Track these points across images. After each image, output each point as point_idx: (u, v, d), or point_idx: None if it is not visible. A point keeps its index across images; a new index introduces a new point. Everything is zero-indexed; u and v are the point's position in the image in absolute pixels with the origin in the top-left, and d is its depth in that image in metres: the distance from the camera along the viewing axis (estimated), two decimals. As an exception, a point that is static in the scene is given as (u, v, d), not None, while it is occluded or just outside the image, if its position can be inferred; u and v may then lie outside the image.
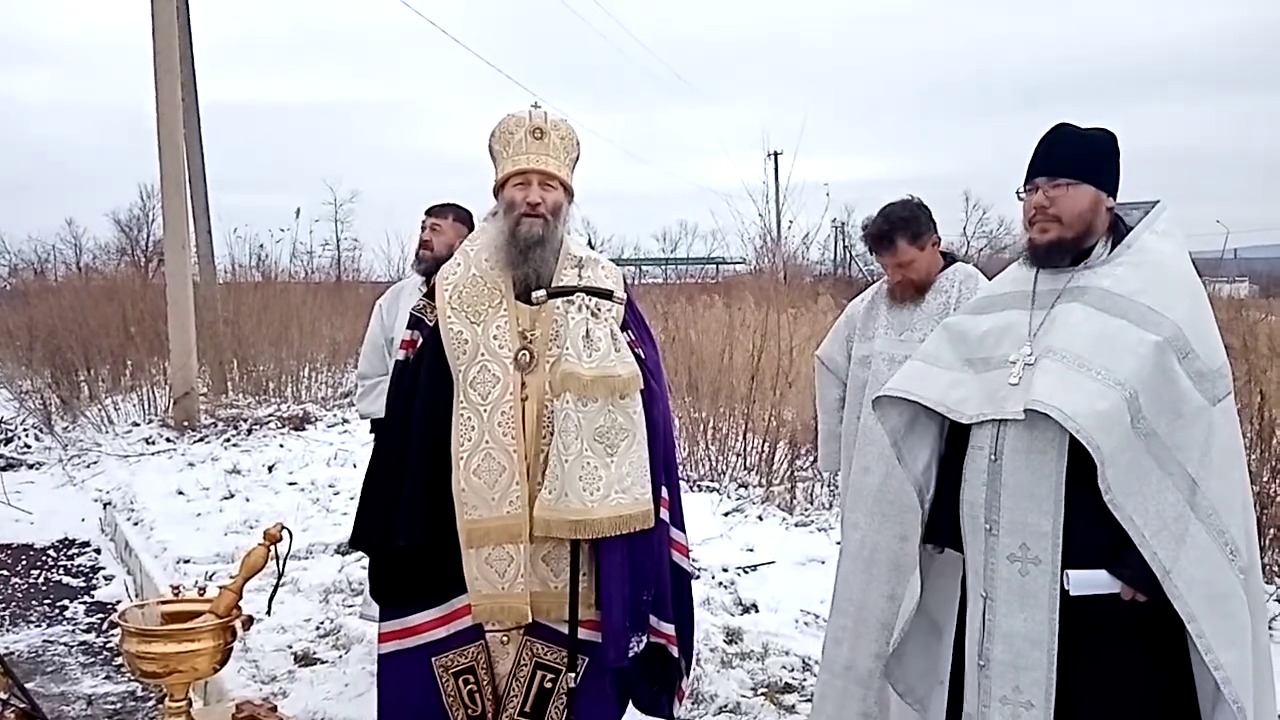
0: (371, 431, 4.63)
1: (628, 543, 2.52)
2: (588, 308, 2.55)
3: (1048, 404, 2.17)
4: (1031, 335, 2.34)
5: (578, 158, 2.79)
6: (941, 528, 2.53)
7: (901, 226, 3.22)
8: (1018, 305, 2.43)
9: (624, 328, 2.69)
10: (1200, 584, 2.12)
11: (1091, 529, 2.21)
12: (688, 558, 2.88)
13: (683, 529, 2.84)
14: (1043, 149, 2.38)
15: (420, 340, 2.71)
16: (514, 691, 2.68)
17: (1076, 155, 2.34)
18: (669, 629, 2.73)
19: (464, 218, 4.16)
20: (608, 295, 2.60)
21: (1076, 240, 2.34)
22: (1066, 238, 2.34)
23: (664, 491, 2.70)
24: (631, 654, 2.60)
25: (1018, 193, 2.43)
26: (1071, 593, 2.20)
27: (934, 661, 2.70)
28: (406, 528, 2.61)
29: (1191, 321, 2.23)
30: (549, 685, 2.65)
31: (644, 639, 2.64)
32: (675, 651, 2.75)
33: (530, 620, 2.60)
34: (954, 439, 2.51)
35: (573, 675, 2.59)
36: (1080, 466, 2.20)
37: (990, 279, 3.28)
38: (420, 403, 2.65)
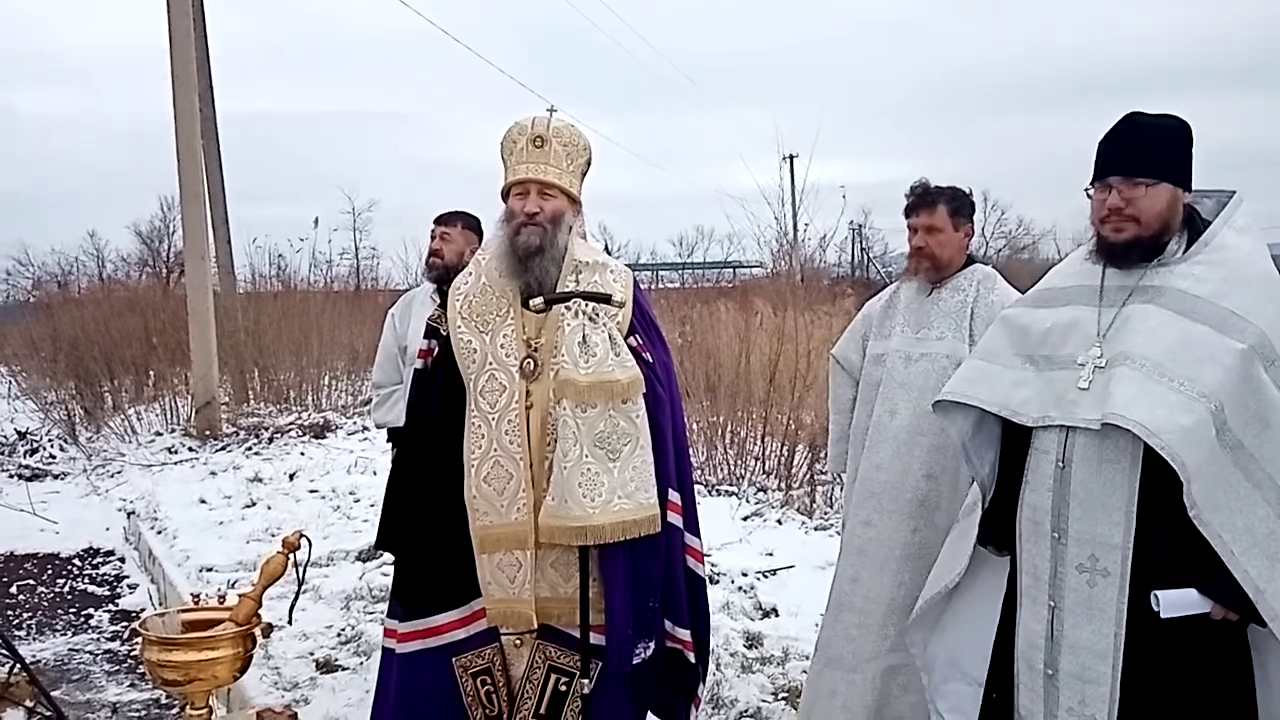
0: (389, 440, 4.65)
1: (631, 549, 2.52)
2: (584, 313, 2.56)
3: (1128, 418, 2.06)
4: (1101, 335, 2.22)
5: (588, 162, 2.79)
6: (994, 528, 2.47)
7: (948, 195, 3.27)
8: (1084, 301, 2.31)
9: (632, 331, 2.69)
10: None
11: (1164, 542, 2.12)
12: (703, 563, 2.88)
13: (697, 534, 2.84)
14: (1116, 144, 2.23)
15: (436, 350, 2.77)
16: (528, 694, 2.70)
17: (1156, 152, 2.20)
18: (685, 635, 2.73)
19: (473, 225, 4.17)
20: (606, 300, 2.61)
21: (1154, 239, 2.22)
22: (1144, 237, 2.21)
23: (676, 496, 2.71)
24: (637, 660, 2.59)
25: (1086, 190, 2.30)
26: (1162, 615, 2.09)
27: (937, 628, 2.67)
28: (421, 533, 2.68)
29: (1277, 326, 2.10)
30: (563, 688, 2.66)
31: (650, 646, 2.63)
32: (692, 657, 2.75)
33: (536, 625, 2.63)
34: (1010, 437, 2.42)
35: (586, 681, 2.60)
36: (1152, 477, 2.11)
37: (1009, 281, 3.29)
38: (436, 412, 2.71)
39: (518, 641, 2.70)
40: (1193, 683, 2.17)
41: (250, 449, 9.22)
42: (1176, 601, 2.09)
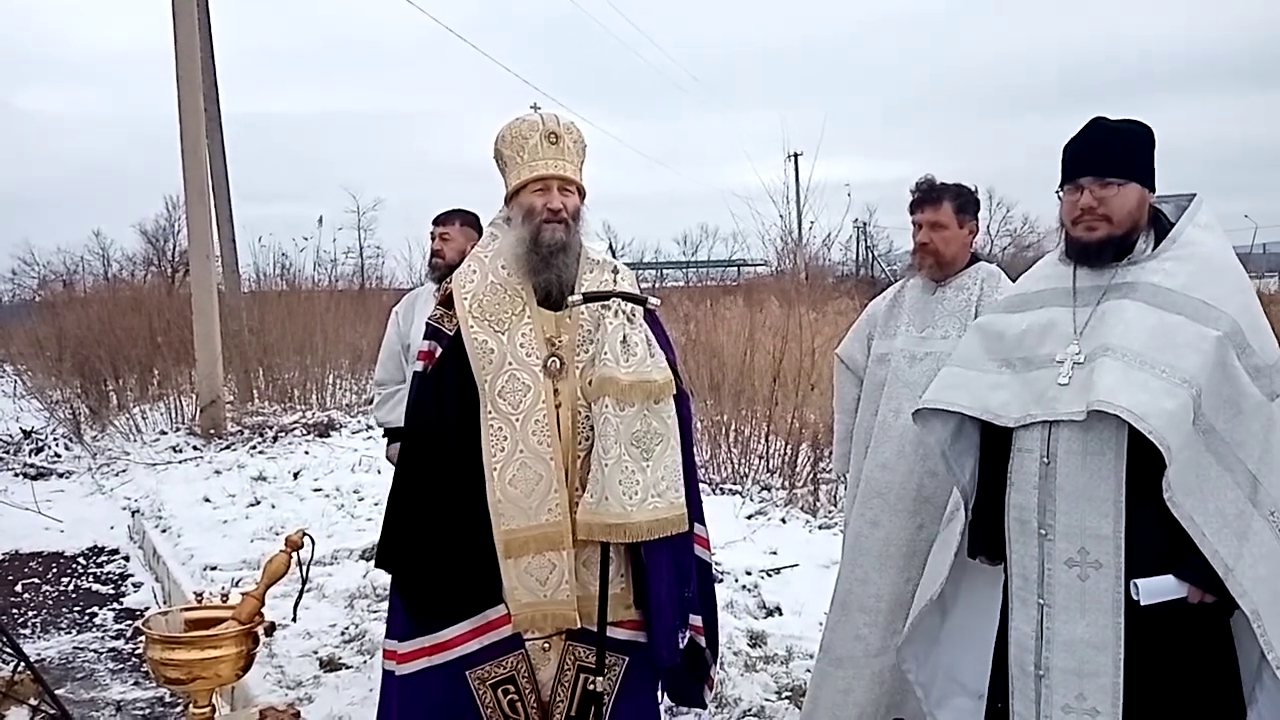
0: (385, 436, 4.64)
1: (670, 544, 2.53)
2: (624, 313, 2.55)
3: (1115, 404, 2.10)
4: (1078, 333, 2.27)
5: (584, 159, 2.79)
6: (979, 536, 2.48)
7: (954, 192, 3.26)
8: (1058, 302, 2.36)
9: None
10: (1264, 582, 2.07)
11: (1151, 531, 2.15)
12: (709, 551, 2.89)
13: (702, 522, 2.84)
14: (1086, 146, 2.29)
15: (439, 351, 2.66)
16: (559, 697, 2.66)
17: (1124, 153, 2.26)
18: (698, 621, 2.75)
19: (471, 222, 4.16)
20: (641, 302, 2.60)
21: (1125, 237, 2.28)
22: (1116, 235, 2.27)
23: None
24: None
25: (1057, 192, 2.36)
26: (1142, 603, 2.14)
27: (935, 645, 2.69)
28: (448, 543, 2.56)
29: (1245, 316, 2.18)
30: (593, 688, 2.63)
31: (686, 635, 2.67)
32: (703, 642, 2.76)
33: (579, 625, 2.58)
34: (989, 442, 2.45)
35: (601, 678, 2.59)
36: (1136, 467, 2.14)
37: (1013, 279, 3.27)
38: (449, 414, 2.60)
39: (545, 645, 2.64)
40: (1182, 671, 2.19)
41: (254, 448, 9.23)
42: (1155, 588, 2.13)
